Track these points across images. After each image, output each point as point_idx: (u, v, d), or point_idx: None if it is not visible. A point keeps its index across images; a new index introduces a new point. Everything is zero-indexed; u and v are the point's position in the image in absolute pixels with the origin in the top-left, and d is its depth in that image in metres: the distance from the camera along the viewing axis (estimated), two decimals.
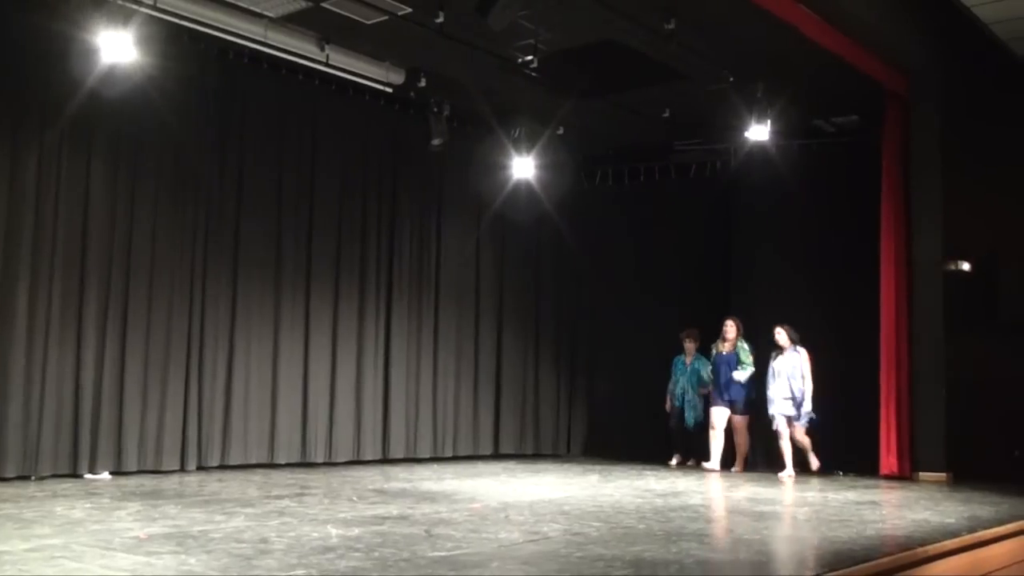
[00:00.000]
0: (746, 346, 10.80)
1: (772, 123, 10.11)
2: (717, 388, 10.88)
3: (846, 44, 9.36)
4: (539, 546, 5.37)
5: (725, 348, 10.87)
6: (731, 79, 9.82)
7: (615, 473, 9.88)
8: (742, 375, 10.73)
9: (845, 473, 10.35)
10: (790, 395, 10.21)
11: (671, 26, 8.44)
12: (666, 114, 11.03)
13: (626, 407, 12.41)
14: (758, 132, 10.16)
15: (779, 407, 10.24)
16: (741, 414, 10.84)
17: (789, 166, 11.14)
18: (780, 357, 10.34)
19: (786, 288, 11.56)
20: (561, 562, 4.84)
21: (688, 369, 11.41)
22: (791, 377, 10.18)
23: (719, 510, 7.09)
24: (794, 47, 9.05)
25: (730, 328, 10.87)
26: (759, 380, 10.66)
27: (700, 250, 12.36)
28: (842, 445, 10.76)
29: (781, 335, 10.36)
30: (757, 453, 11.03)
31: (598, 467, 10.60)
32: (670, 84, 10.28)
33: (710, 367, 11.09)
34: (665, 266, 12.37)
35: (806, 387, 10.19)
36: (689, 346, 11.42)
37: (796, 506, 7.40)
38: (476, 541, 5.40)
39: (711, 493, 8.32)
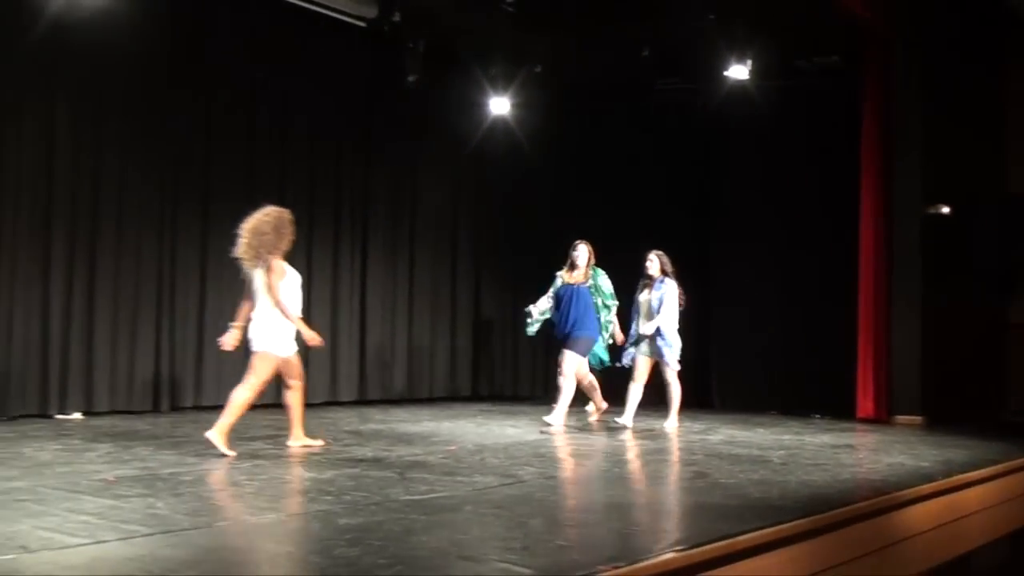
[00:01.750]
0: (604, 282, 8.98)
1: (753, 63, 9.95)
2: (562, 325, 8.87)
3: None
4: (513, 489, 5.32)
5: (574, 278, 8.92)
6: (712, 17, 9.63)
7: (592, 415, 9.85)
8: (608, 315, 8.94)
9: (821, 416, 10.37)
10: (655, 332, 8.74)
11: None
12: (645, 52, 10.82)
13: None
14: (738, 71, 10.01)
15: (642, 348, 8.85)
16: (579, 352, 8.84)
17: (770, 107, 10.98)
18: (647, 289, 8.88)
19: (765, 230, 11.51)
20: (534, 506, 4.80)
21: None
22: (657, 312, 8.71)
23: (695, 453, 7.07)
24: None
25: (581, 252, 8.93)
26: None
27: (678, 190, 12.24)
28: (819, 388, 10.80)
29: (654, 263, 8.83)
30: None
31: (575, 409, 10.58)
32: (650, 21, 10.07)
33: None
34: (643, 206, 12.23)
35: (672, 323, 8.75)
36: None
37: (772, 449, 7.39)
38: (450, 484, 5.35)
39: (688, 436, 8.31)
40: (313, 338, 6.72)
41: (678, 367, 8.80)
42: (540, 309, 9.05)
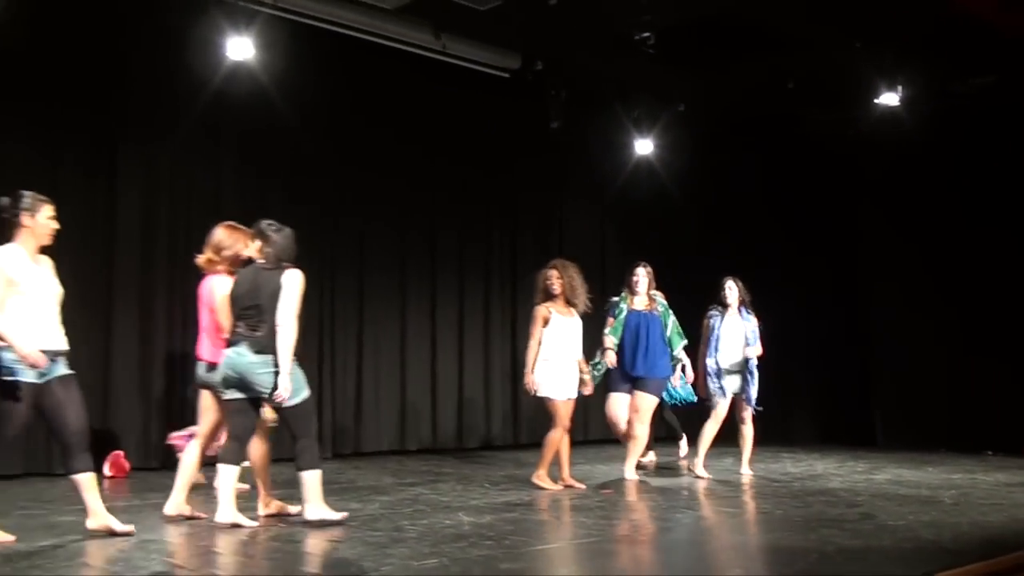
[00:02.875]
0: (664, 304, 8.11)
1: (903, 88, 9.67)
2: (634, 359, 7.70)
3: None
4: (670, 534, 5.28)
5: (637, 304, 7.99)
6: (858, 45, 9.42)
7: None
8: (678, 344, 8.01)
9: (995, 453, 9.85)
10: (740, 368, 7.99)
11: None
12: (790, 85, 10.65)
13: None
14: (888, 98, 9.74)
15: (728, 382, 8.00)
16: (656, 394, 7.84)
17: (923, 132, 10.61)
18: (727, 318, 8.06)
19: (923, 259, 11.07)
20: (692, 551, 4.75)
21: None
22: (747, 345, 7.97)
23: (860, 494, 6.84)
24: (924, 5, 8.60)
25: (641, 276, 8.05)
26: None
27: (828, 223, 11.94)
28: (991, 423, 10.27)
29: (733, 291, 8.07)
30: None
31: (732, 450, 10.38)
32: (793, 53, 9.93)
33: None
34: (792, 241, 11.99)
35: (752, 358, 7.97)
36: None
37: (942, 489, 7.07)
38: (606, 528, 5.34)
39: (852, 476, 8.04)
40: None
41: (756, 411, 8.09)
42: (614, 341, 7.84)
